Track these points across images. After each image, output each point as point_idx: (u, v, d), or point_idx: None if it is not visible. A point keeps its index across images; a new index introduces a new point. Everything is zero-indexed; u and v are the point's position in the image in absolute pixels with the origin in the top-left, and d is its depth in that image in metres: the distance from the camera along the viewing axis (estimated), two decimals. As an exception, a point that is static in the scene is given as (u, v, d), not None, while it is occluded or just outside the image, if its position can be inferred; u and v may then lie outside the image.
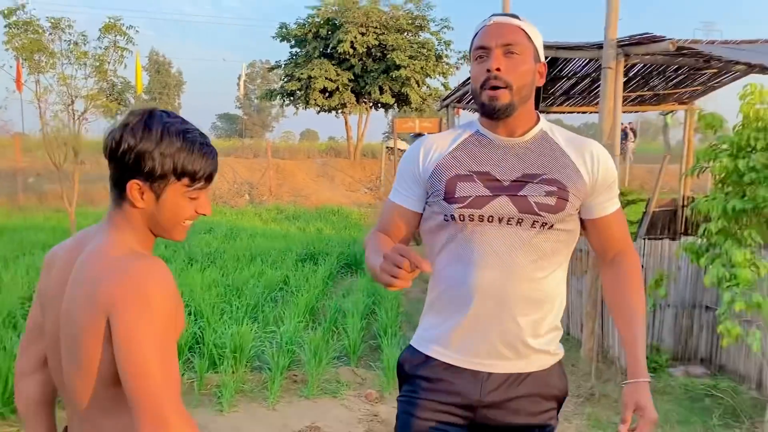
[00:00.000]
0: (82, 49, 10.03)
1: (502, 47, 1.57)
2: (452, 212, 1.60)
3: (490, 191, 1.59)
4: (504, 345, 1.62)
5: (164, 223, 1.38)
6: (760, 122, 3.55)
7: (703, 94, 9.35)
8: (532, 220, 1.58)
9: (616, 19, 4.71)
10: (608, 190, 1.66)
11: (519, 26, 1.60)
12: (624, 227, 1.74)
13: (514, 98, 1.57)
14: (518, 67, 1.57)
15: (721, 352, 4.91)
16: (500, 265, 1.59)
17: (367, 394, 4.43)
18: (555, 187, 1.58)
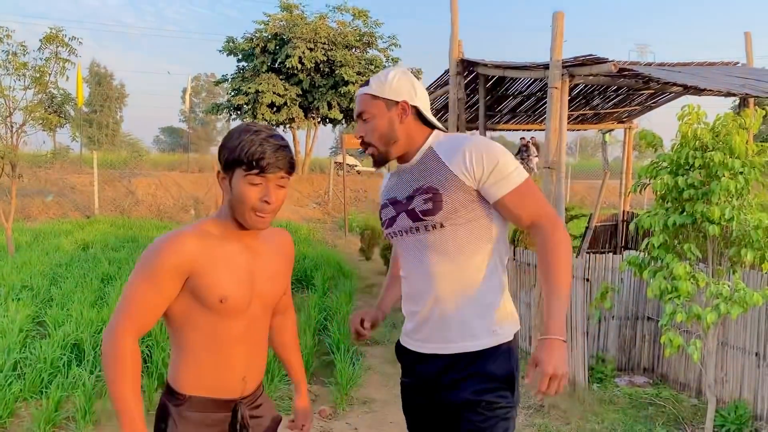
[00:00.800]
0: (21, 59, 9.70)
1: (359, 118, 1.99)
2: (385, 233, 2.08)
3: (395, 211, 2.00)
4: (445, 329, 1.92)
5: (237, 208, 1.69)
6: (698, 141, 3.73)
7: (640, 114, 9.74)
8: (423, 225, 1.90)
9: (561, 41, 4.88)
10: (493, 175, 1.85)
11: (365, 93, 1.97)
12: (527, 201, 1.88)
13: (380, 149, 1.97)
14: (374, 130, 1.96)
15: (663, 362, 5.10)
16: (420, 267, 1.94)
17: (320, 411, 4.41)
18: (430, 194, 1.89)
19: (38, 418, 3.94)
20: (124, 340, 1.63)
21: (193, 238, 1.69)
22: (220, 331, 1.73)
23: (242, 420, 1.78)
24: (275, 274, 1.85)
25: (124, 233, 12.36)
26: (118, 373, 1.61)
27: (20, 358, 4.73)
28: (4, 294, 6.53)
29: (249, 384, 1.82)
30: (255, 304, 1.78)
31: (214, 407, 1.76)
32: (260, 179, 1.65)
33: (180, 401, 1.74)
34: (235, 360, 1.77)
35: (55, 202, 16.25)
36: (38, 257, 9.00)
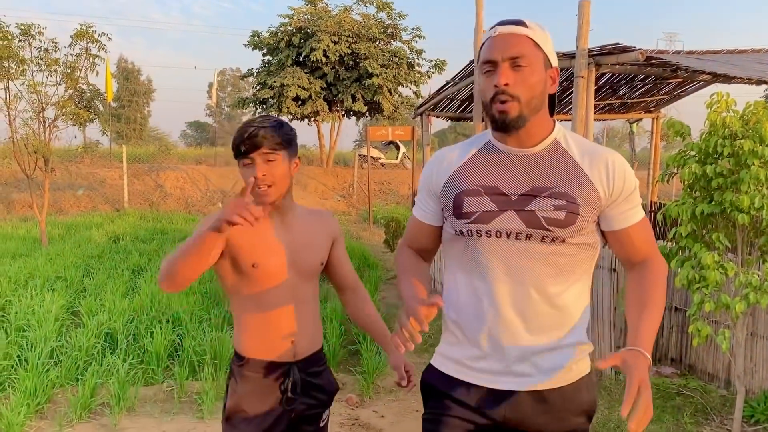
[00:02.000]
0: (52, 56, 9.90)
1: (509, 60, 1.52)
2: (461, 227, 1.62)
3: (496, 206, 1.58)
4: (523, 362, 1.60)
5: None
6: (727, 130, 3.69)
7: (668, 103, 9.62)
8: (541, 235, 1.55)
9: (587, 30, 4.85)
10: (627, 201, 1.60)
11: (526, 35, 1.54)
12: (648, 235, 1.66)
13: (524, 110, 1.53)
14: (526, 80, 1.52)
15: (691, 352, 5.06)
16: (512, 281, 1.57)
17: (347, 399, 4.47)
18: (564, 201, 1.54)
19: (74, 404, 4.06)
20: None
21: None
22: (263, 297, 1.95)
23: (294, 381, 1.97)
24: (308, 245, 2.04)
25: (154, 226, 12.57)
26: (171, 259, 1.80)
27: (56, 346, 4.87)
28: (39, 284, 6.71)
29: (299, 348, 2.01)
30: (290, 272, 1.98)
31: (270, 368, 1.97)
32: (248, 160, 1.88)
33: (241, 363, 1.99)
34: (282, 324, 1.98)
35: (85, 196, 16.58)
36: (71, 249, 9.20)
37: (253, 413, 1.96)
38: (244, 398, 1.96)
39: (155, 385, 4.61)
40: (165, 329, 5.12)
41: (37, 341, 4.84)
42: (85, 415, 4.05)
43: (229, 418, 1.99)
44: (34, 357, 4.50)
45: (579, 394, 1.64)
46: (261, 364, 1.97)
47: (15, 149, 9.74)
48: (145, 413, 4.18)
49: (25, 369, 4.35)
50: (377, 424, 4.12)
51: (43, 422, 4.00)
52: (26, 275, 7.20)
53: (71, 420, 4.00)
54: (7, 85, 9.66)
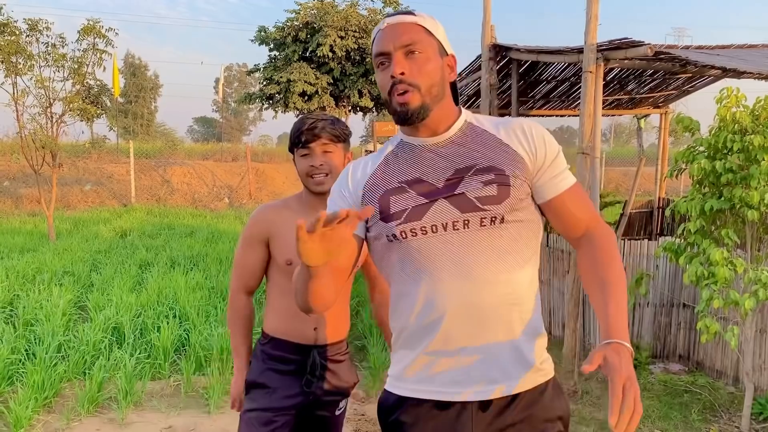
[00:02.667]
0: (60, 51, 9.92)
1: (401, 49, 1.44)
2: (392, 231, 1.44)
3: (425, 197, 1.43)
4: (487, 365, 1.42)
5: (302, 180, 2.06)
6: (737, 125, 3.66)
7: (677, 98, 9.56)
8: (479, 218, 1.40)
9: (596, 24, 4.81)
10: (554, 166, 1.48)
11: (415, 23, 1.47)
12: (585, 201, 1.53)
13: (426, 99, 1.44)
14: (422, 67, 1.44)
15: (699, 349, 5.04)
16: (460, 276, 1.40)
17: (353, 394, 4.47)
18: (492, 174, 1.42)
19: (82, 398, 4.08)
20: (236, 298, 2.17)
21: (272, 209, 2.11)
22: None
23: (314, 363, 2.08)
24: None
25: (161, 221, 12.61)
26: (230, 323, 2.18)
27: (64, 340, 4.89)
28: (47, 279, 6.74)
29: (321, 334, 2.11)
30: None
31: (291, 349, 2.10)
32: (306, 150, 2.01)
33: (265, 340, 2.13)
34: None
35: (93, 191, 16.65)
36: (78, 244, 9.25)
37: (272, 387, 2.08)
38: (264, 373, 2.09)
39: (162, 379, 4.62)
40: (172, 324, 5.13)
41: (44, 335, 4.86)
42: (92, 409, 4.07)
43: (248, 391, 2.12)
44: (42, 351, 4.53)
45: (548, 398, 1.49)
46: (283, 343, 2.10)
47: (23, 144, 9.78)
48: (152, 408, 4.19)
49: (33, 363, 4.37)
50: (383, 420, 4.12)
51: (50, 416, 4.02)
52: (34, 270, 7.23)
53: (78, 414, 4.01)
54: (14, 80, 9.70)
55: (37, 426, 3.87)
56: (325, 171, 2.01)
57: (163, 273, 7.12)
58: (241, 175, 18.93)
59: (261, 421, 2.05)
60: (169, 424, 3.98)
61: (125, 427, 3.91)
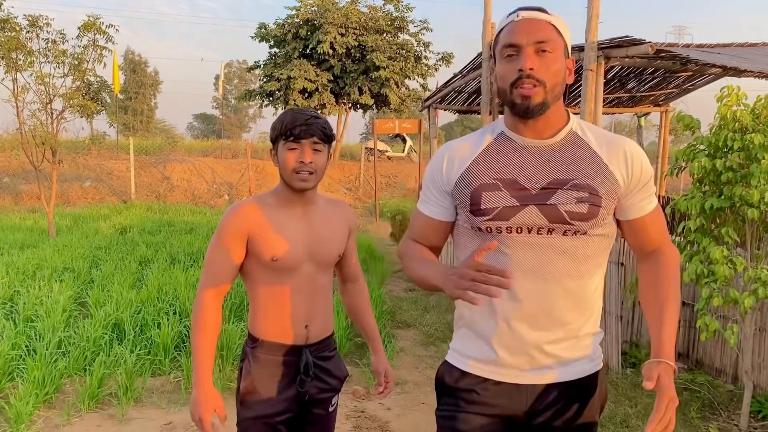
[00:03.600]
0: (60, 47, 9.91)
1: (534, 45, 1.47)
2: (479, 224, 1.56)
3: (517, 201, 1.52)
4: (544, 356, 1.57)
5: (283, 174, 1.97)
6: (737, 123, 3.66)
7: (677, 97, 9.57)
8: (563, 230, 1.51)
9: (597, 23, 4.82)
10: (644, 190, 1.57)
11: (549, 21, 1.51)
12: (662, 224, 1.64)
13: (548, 97, 1.49)
14: (551, 66, 1.48)
15: (698, 348, 5.05)
16: (534, 275, 1.54)
17: (353, 391, 4.44)
18: (587, 193, 1.50)
19: (82, 394, 4.09)
20: (204, 297, 1.99)
21: (249, 206, 2.01)
22: (280, 285, 2.02)
23: (307, 363, 2.04)
24: (328, 237, 2.09)
25: (160, 218, 12.61)
26: (196, 324, 1.98)
27: (64, 336, 4.89)
28: (47, 275, 6.74)
29: (312, 332, 2.08)
30: (308, 264, 2.04)
31: (282, 350, 2.04)
32: (296, 144, 1.94)
33: (255, 344, 2.05)
34: (296, 310, 2.02)
35: (93, 188, 16.65)
36: (78, 240, 9.24)
37: (267, 394, 2.02)
38: (258, 379, 2.02)
39: (162, 376, 4.63)
40: (172, 320, 5.13)
41: (45, 332, 4.87)
42: (92, 405, 4.07)
43: (243, 400, 2.04)
44: (42, 347, 4.53)
45: (597, 384, 1.65)
46: (274, 346, 2.03)
47: (23, 140, 9.77)
48: (152, 404, 4.20)
49: (33, 359, 4.38)
50: (383, 417, 4.13)
51: (51, 412, 4.02)
52: (34, 266, 7.23)
53: (79, 410, 4.02)
54: (15, 76, 9.67)
55: (38, 422, 3.87)
56: (311, 169, 1.95)
57: (163, 269, 7.12)
58: (241, 172, 18.93)
59: (259, 428, 2.03)
60: (169, 420, 3.98)
61: (125, 423, 3.92)
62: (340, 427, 3.93)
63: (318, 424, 2.15)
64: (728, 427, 3.97)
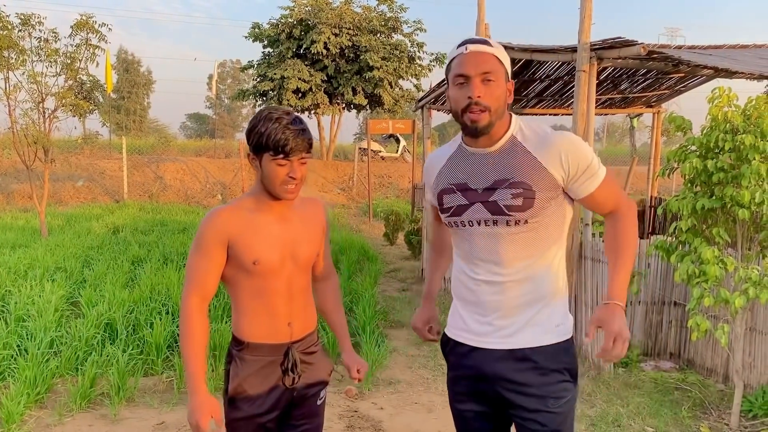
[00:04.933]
0: (52, 46, 9.86)
1: (480, 75, 1.77)
2: (446, 220, 1.97)
3: (467, 200, 1.88)
4: (506, 326, 1.88)
5: (268, 184, 1.97)
6: (728, 124, 3.68)
7: (669, 98, 9.60)
8: (505, 220, 1.82)
9: (589, 24, 4.83)
10: (585, 174, 1.83)
11: (492, 54, 1.80)
12: (611, 191, 1.89)
13: (492, 118, 1.80)
14: (494, 92, 1.78)
15: (690, 347, 5.07)
16: (490, 259, 1.88)
17: (347, 391, 4.48)
18: (521, 189, 1.80)
19: (74, 394, 4.07)
20: (189, 304, 1.99)
21: (228, 211, 2.01)
22: (262, 287, 2.04)
23: (293, 360, 2.07)
24: (307, 238, 2.12)
25: (153, 217, 12.57)
26: (184, 332, 1.98)
27: (56, 336, 4.88)
28: (39, 275, 6.71)
29: (296, 330, 2.10)
30: (289, 265, 2.06)
31: (268, 350, 2.06)
32: (285, 161, 1.93)
33: (240, 347, 2.07)
34: (279, 309, 2.07)
35: (85, 187, 16.58)
36: (70, 240, 9.21)
37: (256, 393, 2.04)
38: (246, 380, 2.04)
39: (155, 375, 4.62)
40: (165, 320, 5.12)
41: (36, 331, 4.85)
42: (84, 405, 4.06)
43: (232, 401, 2.06)
44: (34, 347, 4.51)
45: (559, 354, 1.89)
46: (260, 347, 2.06)
47: (15, 140, 9.72)
48: (145, 404, 4.19)
49: (24, 359, 4.36)
50: (376, 416, 4.13)
51: (42, 411, 4.01)
52: (26, 266, 7.20)
53: (71, 410, 4.01)
54: (6, 75, 9.63)
55: (29, 421, 3.86)
56: (299, 182, 1.97)
57: (156, 269, 7.10)
58: (234, 172, 18.88)
59: (249, 429, 2.06)
60: (161, 420, 3.98)
61: (117, 423, 3.91)
62: (333, 427, 3.94)
63: (307, 418, 2.18)
64: (719, 426, 3.99)
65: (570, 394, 1.89)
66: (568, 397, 1.88)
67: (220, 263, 2.00)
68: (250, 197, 2.05)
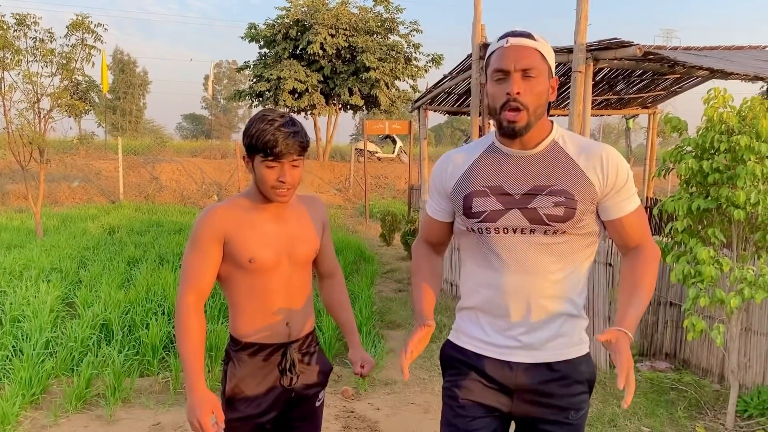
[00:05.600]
0: (48, 46, 9.84)
1: (520, 71, 1.64)
2: (471, 226, 1.79)
3: (502, 205, 1.73)
4: (532, 340, 1.77)
5: (260, 187, 1.96)
6: (723, 125, 3.70)
7: (665, 99, 9.64)
8: (543, 229, 1.70)
9: (585, 25, 4.85)
10: (622, 192, 1.72)
11: (535, 48, 1.67)
12: (642, 223, 1.78)
13: (531, 118, 1.67)
14: (535, 89, 1.66)
15: (685, 347, 5.09)
16: (521, 269, 1.74)
17: (343, 391, 4.48)
18: (563, 197, 1.68)
19: (70, 395, 4.06)
20: (185, 302, 1.95)
21: (223, 208, 2.00)
22: (258, 286, 2.02)
23: (291, 360, 2.06)
24: (303, 236, 2.10)
25: (149, 218, 12.55)
26: (181, 330, 1.93)
27: (52, 337, 4.86)
28: (34, 276, 6.69)
29: (294, 329, 2.08)
30: (285, 263, 2.04)
31: (266, 350, 2.05)
32: (275, 163, 1.91)
33: (237, 346, 2.06)
34: (276, 309, 2.05)
35: (81, 188, 16.53)
36: (66, 241, 9.18)
37: (253, 394, 2.03)
38: (243, 380, 2.03)
39: (151, 376, 4.61)
40: (161, 321, 5.11)
41: (32, 332, 4.83)
42: (80, 406, 4.05)
43: (229, 401, 2.04)
44: (29, 348, 4.50)
45: (581, 365, 1.82)
46: (258, 346, 2.04)
47: (10, 140, 9.68)
48: (141, 404, 4.18)
49: (20, 360, 4.35)
50: (373, 417, 4.13)
51: (38, 412, 4.00)
52: (21, 266, 7.18)
53: (66, 411, 4.00)
54: (2, 75, 9.59)
55: (25, 422, 3.85)
56: (290, 185, 1.94)
57: (152, 270, 7.08)
58: (230, 173, 18.86)
59: (247, 430, 2.05)
60: (157, 420, 3.97)
61: (113, 424, 3.90)
62: (329, 428, 3.94)
63: (305, 420, 2.16)
64: (715, 426, 4.00)
65: (587, 405, 1.87)
66: (586, 408, 1.85)
67: (216, 260, 1.98)
68: (245, 197, 2.04)
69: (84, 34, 9.97)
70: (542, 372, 1.78)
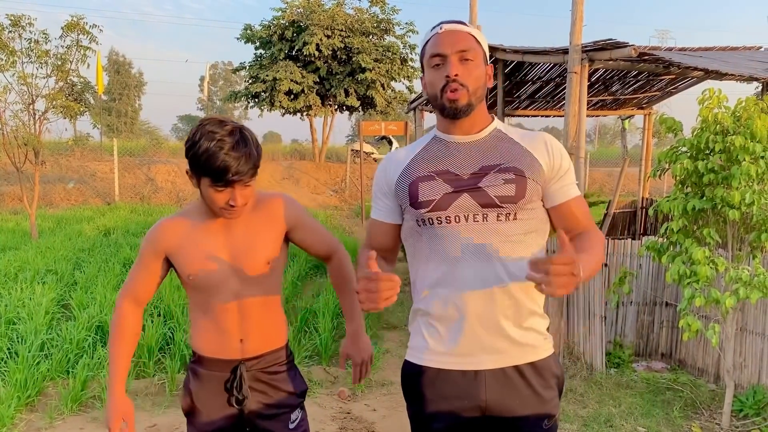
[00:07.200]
0: (43, 47, 9.82)
1: (457, 54, 1.64)
2: (421, 216, 1.68)
3: (451, 187, 1.65)
4: (497, 338, 1.66)
5: (209, 205, 1.84)
6: (718, 126, 3.71)
7: (660, 99, 9.67)
8: (495, 213, 1.63)
9: (581, 26, 4.86)
10: (567, 176, 1.72)
11: (469, 32, 1.69)
12: (586, 210, 1.76)
13: (472, 98, 1.65)
14: (473, 72, 1.65)
15: (681, 347, 5.10)
16: (476, 262, 1.63)
17: (339, 393, 4.48)
18: (512, 174, 1.63)
19: (65, 397, 4.05)
20: (120, 307, 1.99)
21: (170, 223, 1.93)
22: (206, 302, 1.95)
23: (239, 379, 1.94)
24: (253, 247, 1.93)
25: (145, 219, 12.52)
26: (111, 334, 1.98)
27: (47, 339, 4.85)
28: (29, 277, 6.67)
29: (249, 347, 1.97)
30: (233, 279, 1.92)
31: (219, 366, 1.97)
32: (225, 188, 1.76)
33: (194, 359, 2.02)
34: (228, 325, 1.95)
35: (76, 189, 16.49)
36: (61, 242, 9.15)
37: (206, 411, 1.97)
38: (197, 396, 1.99)
39: (146, 378, 4.60)
40: (156, 323, 5.10)
41: (27, 334, 4.82)
42: (75, 408, 4.04)
43: (187, 414, 2.02)
44: (25, 350, 4.48)
45: (551, 366, 1.73)
46: (212, 361, 1.97)
47: (5, 141, 9.66)
48: (137, 406, 4.16)
49: (15, 362, 4.33)
50: (369, 418, 4.13)
51: (33, 415, 3.98)
52: (16, 268, 7.15)
53: (62, 413, 3.98)
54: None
55: (20, 425, 3.83)
56: (241, 205, 1.81)
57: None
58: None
59: None
60: (153, 422, 3.96)
61: (109, 426, 3.89)
62: (326, 429, 3.94)
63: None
64: (710, 426, 4.01)
65: (558, 409, 1.76)
66: (557, 412, 1.75)
67: (155, 274, 1.95)
68: (197, 207, 1.95)
69: (79, 35, 9.96)
70: (513, 378, 1.68)
